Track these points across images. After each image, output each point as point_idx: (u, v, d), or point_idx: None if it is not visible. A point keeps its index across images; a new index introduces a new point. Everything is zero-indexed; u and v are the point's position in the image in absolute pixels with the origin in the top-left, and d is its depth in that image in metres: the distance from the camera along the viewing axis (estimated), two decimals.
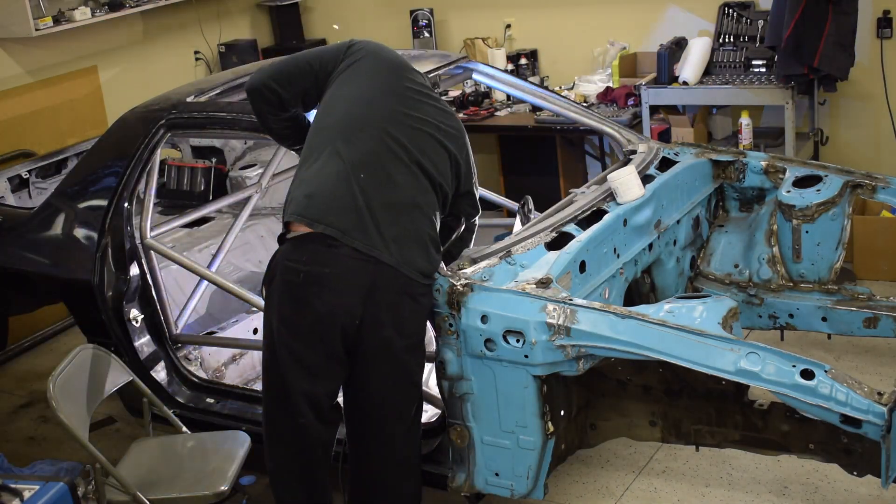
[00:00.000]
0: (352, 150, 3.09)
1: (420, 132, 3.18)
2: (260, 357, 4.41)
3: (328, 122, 3.17)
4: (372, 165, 3.08)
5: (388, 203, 3.07)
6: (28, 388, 5.10)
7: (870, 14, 5.31)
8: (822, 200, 3.92)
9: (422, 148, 3.16)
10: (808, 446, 3.18)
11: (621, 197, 3.68)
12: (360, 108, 3.16)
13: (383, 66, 3.27)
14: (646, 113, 5.48)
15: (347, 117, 3.15)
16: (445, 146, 3.22)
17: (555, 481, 3.78)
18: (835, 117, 5.61)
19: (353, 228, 3.02)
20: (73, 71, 5.94)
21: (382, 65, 3.27)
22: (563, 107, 4.50)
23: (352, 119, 3.14)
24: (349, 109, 3.17)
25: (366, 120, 3.14)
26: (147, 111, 4.06)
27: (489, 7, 6.44)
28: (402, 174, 3.11)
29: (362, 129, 3.12)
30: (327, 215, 3.02)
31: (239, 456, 3.41)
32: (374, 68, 3.25)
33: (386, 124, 3.14)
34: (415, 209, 3.11)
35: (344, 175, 3.06)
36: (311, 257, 3.01)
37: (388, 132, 3.13)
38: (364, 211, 3.03)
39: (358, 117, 3.15)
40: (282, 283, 3.07)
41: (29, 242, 4.13)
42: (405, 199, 3.10)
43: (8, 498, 2.68)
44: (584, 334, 3.05)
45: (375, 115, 3.15)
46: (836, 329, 4.00)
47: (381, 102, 3.18)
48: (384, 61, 3.28)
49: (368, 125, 3.13)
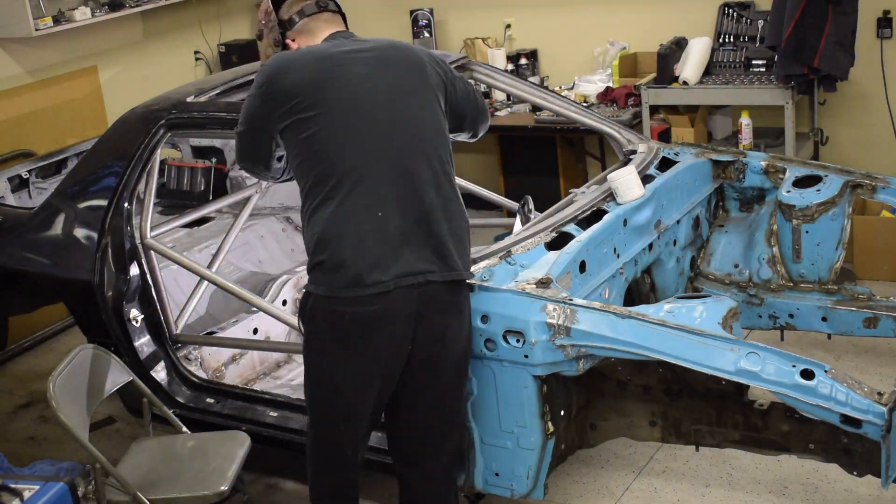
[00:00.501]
0: (364, 192, 2.90)
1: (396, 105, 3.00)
2: (259, 357, 4.47)
3: (325, 168, 2.93)
4: (390, 194, 2.92)
5: (419, 219, 2.93)
6: (28, 388, 5.10)
7: (870, 14, 5.31)
8: (822, 200, 3.92)
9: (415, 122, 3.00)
10: (808, 446, 3.18)
11: (621, 197, 3.68)
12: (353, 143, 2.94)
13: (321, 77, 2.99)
14: (646, 113, 5.48)
15: (346, 158, 2.93)
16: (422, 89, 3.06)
17: (555, 481, 3.78)
18: (835, 117, 5.61)
19: (397, 268, 2.89)
20: (73, 71, 5.94)
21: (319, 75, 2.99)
22: (563, 107, 4.50)
23: (352, 160, 2.93)
24: (341, 150, 2.93)
25: (365, 153, 2.94)
26: (147, 111, 4.06)
27: (489, 7, 6.44)
28: (423, 176, 2.96)
29: (367, 165, 2.93)
30: (369, 274, 2.86)
31: (239, 456, 3.41)
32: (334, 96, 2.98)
33: (375, 140, 2.96)
34: (447, 205, 3.00)
35: (367, 222, 2.88)
36: (356, 301, 2.88)
37: (390, 147, 2.96)
38: (398, 243, 2.90)
39: (355, 155, 2.93)
40: (326, 325, 2.95)
41: (29, 242, 4.13)
42: (434, 203, 2.96)
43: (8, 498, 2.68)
44: (584, 334, 3.05)
45: (367, 127, 2.96)
46: (836, 329, 4.00)
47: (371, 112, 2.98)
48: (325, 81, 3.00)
49: (371, 157, 2.94)
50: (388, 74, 3.04)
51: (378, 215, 2.90)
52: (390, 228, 2.90)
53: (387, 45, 3.14)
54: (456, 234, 3.02)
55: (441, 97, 3.12)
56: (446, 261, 2.97)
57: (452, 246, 2.99)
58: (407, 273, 2.90)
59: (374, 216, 2.90)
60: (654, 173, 3.92)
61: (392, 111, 3.00)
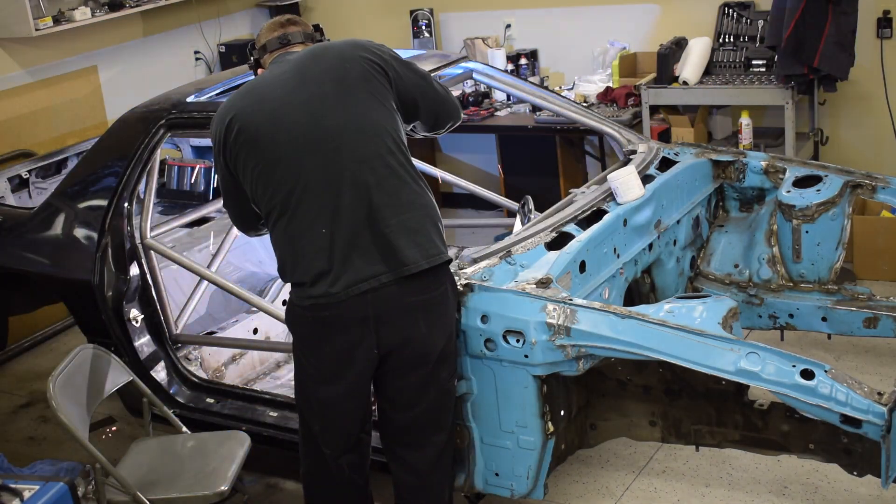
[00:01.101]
0: (305, 214, 2.95)
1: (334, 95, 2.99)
2: (259, 357, 4.48)
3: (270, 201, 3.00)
4: (328, 206, 2.94)
5: (364, 221, 2.94)
6: (28, 388, 5.10)
7: (870, 14, 5.31)
8: (822, 200, 3.92)
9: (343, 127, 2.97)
10: (808, 446, 3.18)
11: (621, 197, 3.68)
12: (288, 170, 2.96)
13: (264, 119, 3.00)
14: (646, 113, 5.48)
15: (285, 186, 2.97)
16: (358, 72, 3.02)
17: (555, 481, 3.78)
18: (835, 117, 5.61)
19: (347, 278, 2.93)
20: (73, 71, 5.94)
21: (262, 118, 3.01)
22: (563, 107, 4.50)
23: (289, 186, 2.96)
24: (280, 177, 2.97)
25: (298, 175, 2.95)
26: (147, 111, 4.06)
27: (489, 7, 6.43)
28: (366, 174, 2.95)
29: (303, 190, 2.95)
30: (324, 291, 2.93)
31: (239, 456, 3.41)
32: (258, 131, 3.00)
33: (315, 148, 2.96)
34: (394, 199, 2.96)
35: (313, 241, 2.94)
36: (312, 303, 2.98)
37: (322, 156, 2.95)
38: (344, 254, 2.93)
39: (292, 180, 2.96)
40: (298, 326, 3.08)
41: (29, 242, 4.13)
42: (380, 201, 2.94)
43: (8, 498, 2.68)
44: (584, 334, 3.05)
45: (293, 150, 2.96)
46: (836, 329, 4.00)
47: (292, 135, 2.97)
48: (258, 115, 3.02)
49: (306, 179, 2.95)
50: (304, 90, 3.01)
51: (322, 232, 2.95)
52: (337, 241, 2.94)
53: (306, 56, 3.10)
54: (407, 225, 2.97)
55: (378, 84, 3.05)
56: (398, 257, 2.95)
57: (404, 240, 2.95)
58: (358, 280, 2.94)
59: (319, 234, 2.95)
60: (654, 173, 3.92)
61: (315, 127, 2.97)
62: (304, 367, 3.10)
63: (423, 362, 3.05)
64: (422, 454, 3.17)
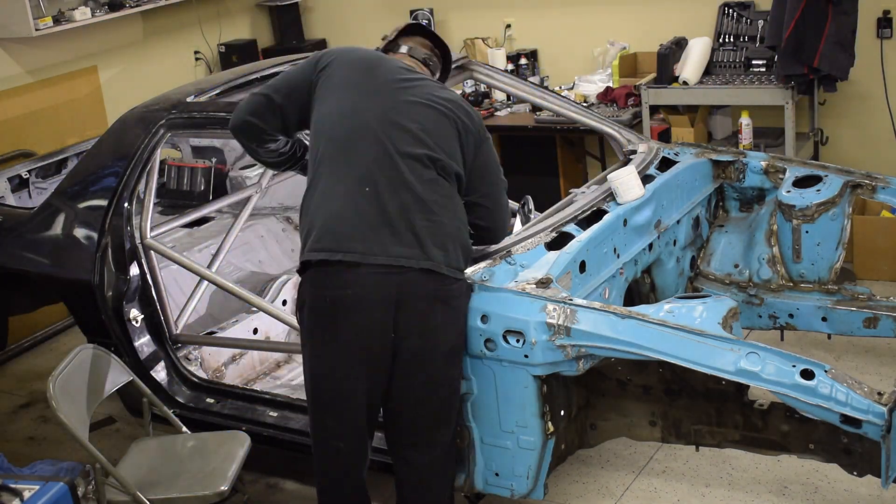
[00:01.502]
0: (351, 167, 3.05)
1: (415, 105, 3.13)
2: (259, 357, 4.47)
3: (321, 145, 3.12)
4: (376, 173, 3.03)
5: (402, 206, 3.01)
6: (28, 388, 5.10)
7: (870, 14, 5.31)
8: (822, 200, 3.92)
9: (423, 124, 3.10)
10: (808, 446, 3.18)
11: (621, 197, 3.68)
12: (347, 120, 3.11)
13: (358, 68, 3.20)
14: (646, 113, 5.48)
15: (337, 134, 3.10)
16: (445, 114, 3.15)
17: (555, 481, 3.78)
18: (835, 117, 5.61)
19: (371, 244, 2.98)
20: (73, 71, 5.94)
21: (357, 66, 3.21)
22: (563, 107, 4.50)
23: (342, 134, 3.09)
24: (336, 126, 3.11)
25: (357, 130, 3.09)
26: (147, 111, 4.06)
27: (489, 7, 6.44)
28: (411, 171, 3.05)
29: (356, 141, 3.07)
30: (342, 242, 2.98)
31: (239, 456, 3.41)
32: (348, 74, 3.19)
33: (378, 125, 3.08)
34: (432, 204, 3.05)
35: (350, 194, 3.02)
36: (333, 281, 2.99)
37: (383, 132, 3.08)
38: (378, 223, 2.99)
39: (348, 130, 3.09)
40: (310, 311, 3.06)
41: (29, 242, 4.13)
42: (419, 197, 3.03)
43: (8, 498, 2.68)
44: (584, 334, 3.05)
45: (364, 121, 3.09)
46: (836, 329, 4.00)
47: (367, 105, 3.12)
48: (357, 62, 3.22)
49: (361, 134, 3.08)
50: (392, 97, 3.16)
51: (366, 190, 3.01)
52: (374, 206, 3.00)
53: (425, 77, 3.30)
54: (436, 231, 3.05)
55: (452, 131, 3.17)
56: (425, 251, 3.01)
57: (432, 241, 3.02)
58: (381, 253, 2.97)
59: (362, 191, 3.01)
60: (654, 173, 3.92)
61: (384, 116, 3.11)
62: (314, 354, 3.07)
63: (432, 357, 3.06)
64: (427, 453, 3.18)
